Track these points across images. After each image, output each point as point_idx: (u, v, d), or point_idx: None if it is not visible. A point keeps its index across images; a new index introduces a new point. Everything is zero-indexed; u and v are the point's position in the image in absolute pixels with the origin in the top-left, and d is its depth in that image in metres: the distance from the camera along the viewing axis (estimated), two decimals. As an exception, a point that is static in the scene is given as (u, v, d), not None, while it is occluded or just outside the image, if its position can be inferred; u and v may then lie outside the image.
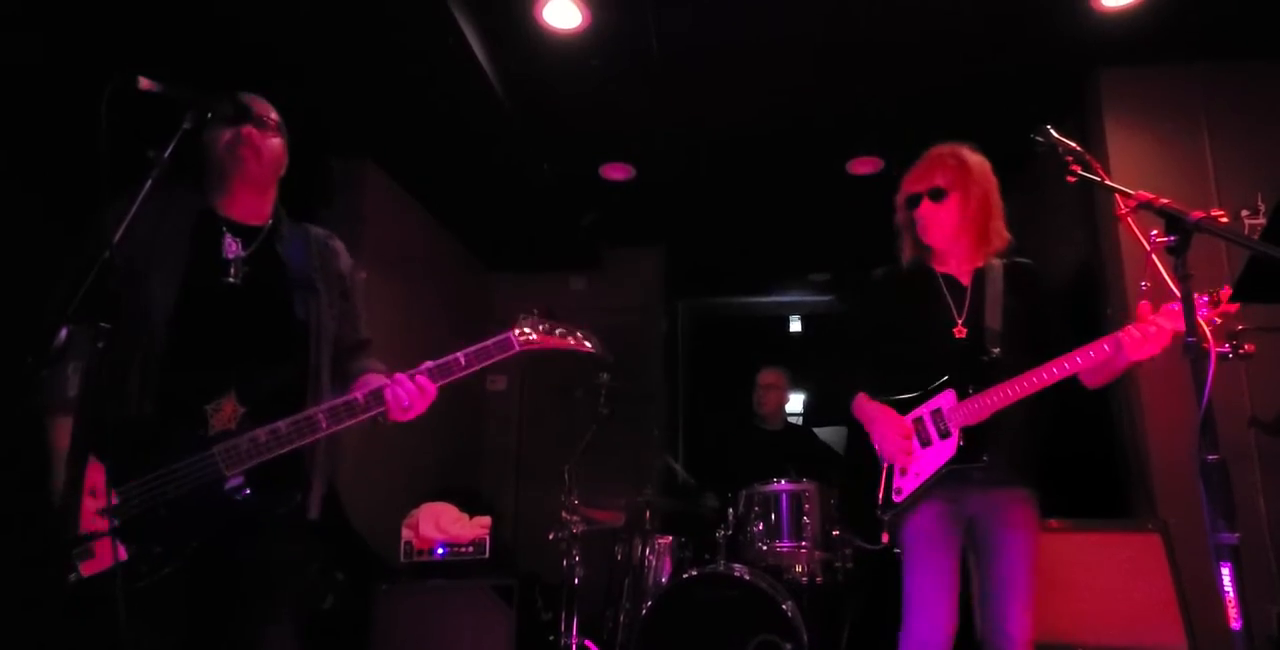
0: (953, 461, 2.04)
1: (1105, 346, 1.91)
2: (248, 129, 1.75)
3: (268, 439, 1.61)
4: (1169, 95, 3.46)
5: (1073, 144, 1.69)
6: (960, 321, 2.18)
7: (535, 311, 1.84)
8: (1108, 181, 1.53)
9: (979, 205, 2.17)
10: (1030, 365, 1.99)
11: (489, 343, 1.77)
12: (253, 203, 1.82)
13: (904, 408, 2.16)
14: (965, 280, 2.24)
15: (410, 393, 1.67)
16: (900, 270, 2.32)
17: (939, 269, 2.27)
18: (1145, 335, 1.84)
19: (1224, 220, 1.31)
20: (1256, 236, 1.44)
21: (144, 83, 1.41)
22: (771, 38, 3.32)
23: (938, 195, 2.18)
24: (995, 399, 2.01)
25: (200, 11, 2.76)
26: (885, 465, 2.15)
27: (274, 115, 1.84)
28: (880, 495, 2.13)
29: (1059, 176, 1.87)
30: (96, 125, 1.34)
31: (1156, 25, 3.18)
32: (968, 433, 2.05)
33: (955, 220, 2.17)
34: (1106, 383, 2.09)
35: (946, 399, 2.10)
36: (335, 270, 1.90)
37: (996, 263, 2.23)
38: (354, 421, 1.67)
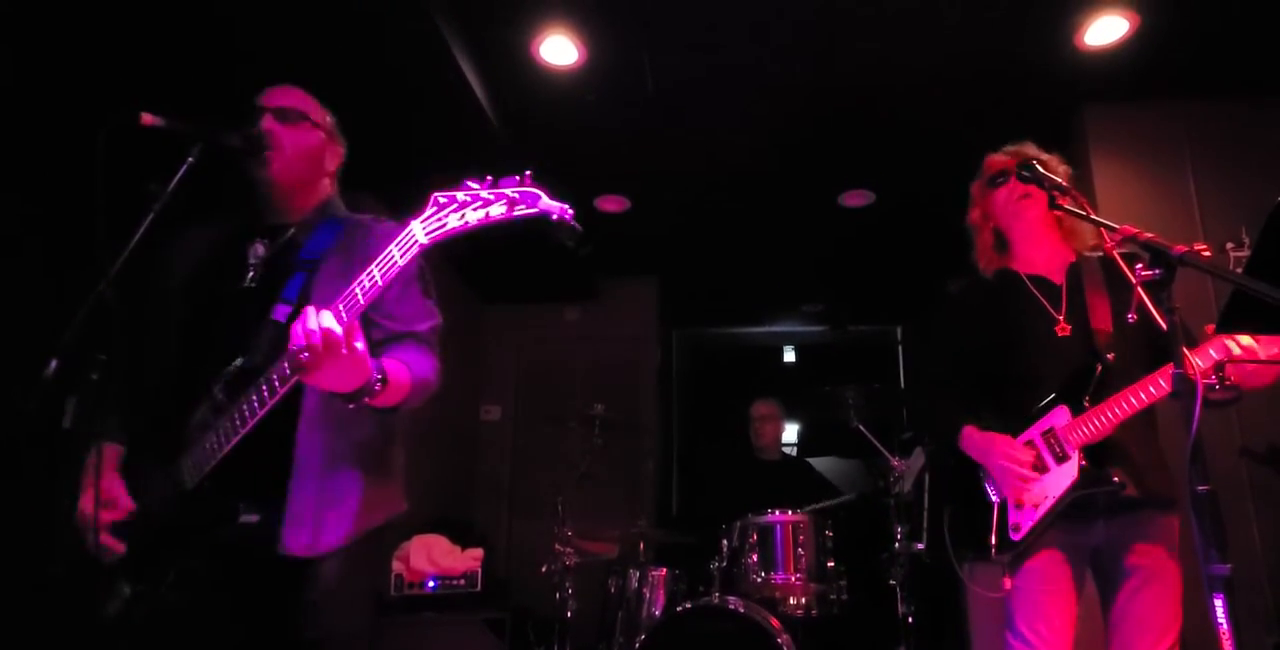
0: (1076, 488, 1.80)
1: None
2: (269, 124, 1.67)
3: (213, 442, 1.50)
4: (1153, 130, 3.52)
5: (1058, 178, 1.72)
6: (1061, 319, 1.95)
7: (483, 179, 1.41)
8: (1093, 216, 1.55)
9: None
10: (1150, 370, 1.75)
11: (390, 249, 1.38)
12: (290, 201, 1.73)
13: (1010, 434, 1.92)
14: (1058, 279, 2.01)
15: (305, 327, 1.28)
16: (979, 279, 2.12)
17: (1024, 271, 2.05)
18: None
19: (1207, 254, 1.33)
20: (1241, 269, 1.46)
21: (146, 118, 1.41)
22: (763, 74, 3.38)
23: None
24: (1116, 410, 1.77)
25: (199, 49, 2.81)
26: (997, 501, 1.90)
27: (304, 106, 1.75)
28: (994, 535, 1.86)
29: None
30: (94, 161, 1.34)
31: (1138, 63, 3.26)
32: (1089, 452, 1.81)
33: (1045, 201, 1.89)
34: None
35: (1059, 416, 1.86)
36: (363, 252, 1.52)
37: (1092, 256, 2.01)
38: (270, 402, 1.41)
